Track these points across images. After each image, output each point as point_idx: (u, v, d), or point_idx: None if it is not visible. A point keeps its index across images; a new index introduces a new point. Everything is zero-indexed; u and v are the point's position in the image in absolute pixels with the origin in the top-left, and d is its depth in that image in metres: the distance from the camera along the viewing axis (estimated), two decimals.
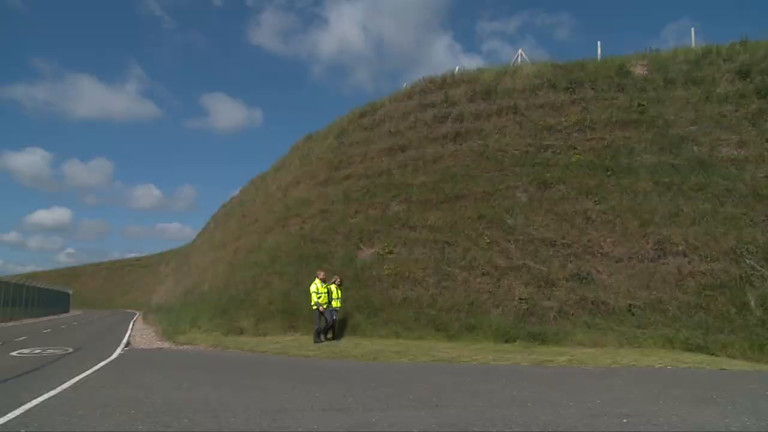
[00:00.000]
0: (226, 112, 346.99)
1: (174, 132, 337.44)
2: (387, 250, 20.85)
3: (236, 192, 53.04)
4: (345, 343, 17.08)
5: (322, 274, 18.12)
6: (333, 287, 18.11)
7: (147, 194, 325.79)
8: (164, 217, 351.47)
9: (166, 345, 20.47)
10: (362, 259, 21.27)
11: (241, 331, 21.20)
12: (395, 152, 25.74)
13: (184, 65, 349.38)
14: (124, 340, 21.57)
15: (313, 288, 17.70)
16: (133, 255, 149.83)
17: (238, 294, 24.19)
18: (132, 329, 30.00)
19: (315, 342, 17.25)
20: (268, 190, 35.80)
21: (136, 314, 57.48)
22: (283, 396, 8.69)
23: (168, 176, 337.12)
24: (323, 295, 17.61)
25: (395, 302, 18.84)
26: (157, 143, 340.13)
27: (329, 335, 18.18)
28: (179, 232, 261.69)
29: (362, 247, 21.89)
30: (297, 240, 24.58)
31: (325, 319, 17.73)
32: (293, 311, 20.54)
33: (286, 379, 10.65)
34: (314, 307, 17.61)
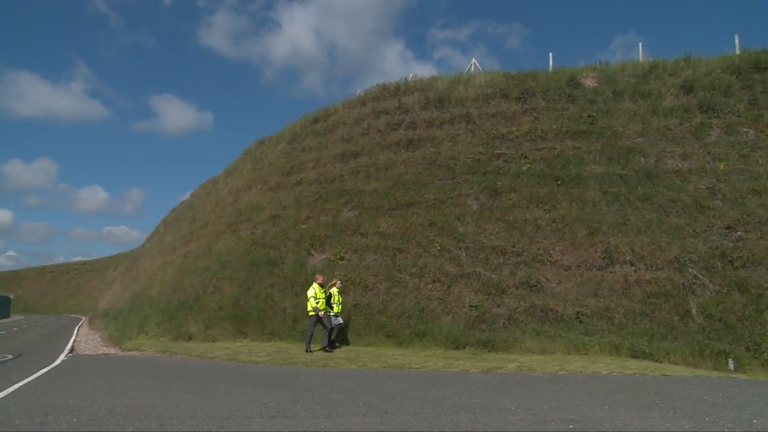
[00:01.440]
0: (176, 115, 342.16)
1: (122, 133, 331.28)
2: (338, 256, 20.72)
3: (187, 196, 52.26)
4: (295, 349, 16.88)
5: (320, 279, 17.33)
6: (334, 291, 17.42)
7: (93, 196, 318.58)
8: (112, 220, 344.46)
9: (112, 351, 20.02)
10: (313, 265, 21.07)
11: (189, 337, 20.87)
12: (348, 158, 25.65)
13: (132, 65, 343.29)
14: (68, 346, 20.95)
15: (311, 293, 16.84)
16: (79, 258, 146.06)
17: (188, 299, 23.71)
18: (77, 335, 29.23)
19: (306, 350, 16.42)
20: (220, 195, 35.29)
21: (81, 319, 55.96)
22: (231, 402, 8.50)
23: (116, 178, 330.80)
24: (321, 300, 16.81)
25: (345, 308, 18.69)
26: (104, 144, 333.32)
27: (336, 344, 17.31)
28: (127, 235, 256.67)
29: (313, 252, 21.71)
30: (248, 245, 24.26)
31: (323, 325, 16.78)
32: (243, 317, 20.29)
33: (234, 386, 10.44)
34: (311, 313, 16.69)
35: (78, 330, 34.39)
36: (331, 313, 17.07)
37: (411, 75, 29.41)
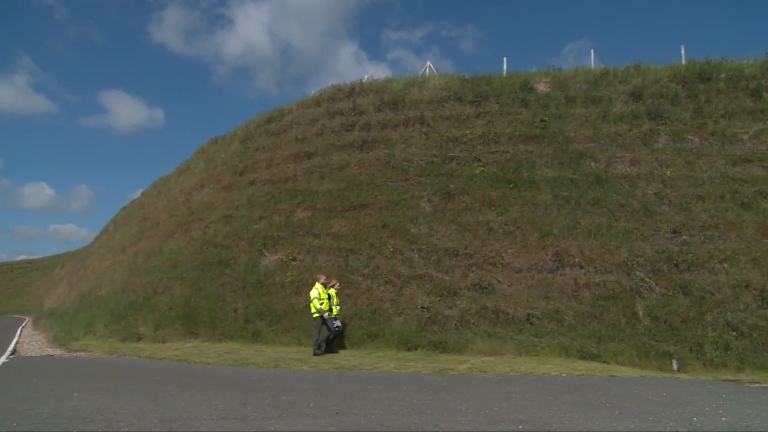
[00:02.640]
0: (126, 111, 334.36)
1: (69, 129, 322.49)
2: (290, 257, 20.52)
3: (137, 194, 51.27)
4: (246, 350, 16.66)
5: (323, 278, 16.73)
6: (332, 292, 16.80)
7: (38, 193, 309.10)
8: (58, 217, 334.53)
9: (57, 352, 19.52)
10: (265, 266, 20.86)
11: (138, 338, 20.50)
12: (301, 159, 25.47)
13: (79, 59, 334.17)
14: (10, 348, 20.20)
15: (314, 293, 16.20)
16: (23, 257, 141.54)
17: (137, 299, 23.23)
18: (19, 335, 28.22)
19: (315, 354, 15.69)
20: (171, 194, 34.66)
21: (25, 320, 54.13)
22: (180, 404, 8.31)
23: (62, 175, 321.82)
24: (325, 301, 16.15)
25: (298, 309, 18.54)
26: (50, 140, 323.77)
27: (335, 349, 16.65)
28: (75, 233, 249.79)
29: (266, 253, 21.47)
30: (199, 245, 23.88)
31: (327, 328, 16.14)
32: (194, 317, 19.97)
33: (184, 387, 10.21)
34: (316, 315, 16.08)
35: (21, 331, 33.19)
36: (332, 316, 16.45)
37: (366, 76, 29.42)
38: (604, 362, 14.03)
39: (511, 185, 20.15)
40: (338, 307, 16.94)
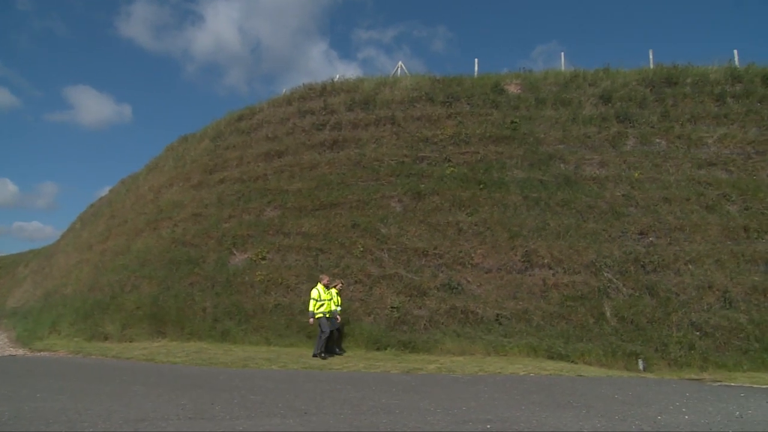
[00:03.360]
0: (93, 107, 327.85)
1: (34, 124, 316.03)
2: (260, 256, 20.38)
3: (105, 191, 50.48)
4: (215, 350, 16.50)
5: (326, 279, 16.05)
6: (334, 291, 16.27)
7: (1, 189, 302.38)
8: (22, 215, 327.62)
9: (20, 352, 19.26)
10: (234, 265, 20.70)
11: (105, 337, 20.29)
12: (272, 157, 25.30)
13: (44, 53, 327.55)
14: None
15: (314, 294, 15.48)
16: None
17: (104, 298, 22.90)
18: None
19: (322, 357, 15.05)
20: (140, 191, 34.18)
21: None
22: (147, 404, 8.19)
23: (26, 171, 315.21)
24: (326, 302, 15.47)
25: (267, 309, 18.44)
26: (13, 135, 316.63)
27: (336, 349, 16.03)
28: (40, 231, 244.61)
29: (235, 252, 21.29)
30: (168, 243, 23.61)
31: (320, 330, 15.33)
32: (162, 316, 19.83)
33: (151, 387, 10.07)
34: (318, 315, 15.33)
35: None
36: (328, 316, 15.68)
37: (337, 76, 29.35)
38: (571, 362, 14.16)
39: (481, 186, 20.22)
40: (339, 308, 16.49)
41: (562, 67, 26.93)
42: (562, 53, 27.71)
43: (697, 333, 15.08)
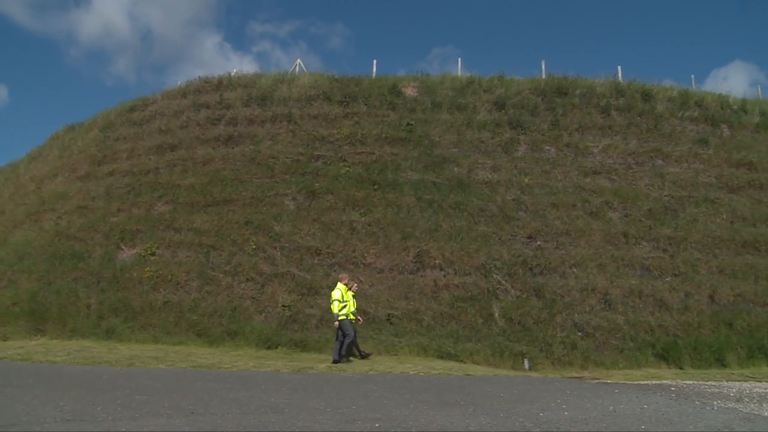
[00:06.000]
0: None
1: None
2: (149, 252, 19.61)
3: None
4: (99, 348, 15.65)
5: (346, 278, 14.60)
6: (350, 294, 14.58)
7: None
8: None
9: None
10: (122, 260, 19.83)
11: None
12: (164, 151, 24.37)
13: None
14: None
15: (337, 295, 13.93)
16: None
17: None
18: None
19: (341, 361, 13.66)
20: (20, 181, 32.07)
21: None
22: (20, 407, 7.50)
23: None
24: (348, 303, 14.08)
25: (155, 306, 17.78)
26: None
27: (355, 352, 14.53)
28: None
29: (123, 247, 20.36)
30: (50, 236, 22.24)
31: (342, 333, 13.83)
32: (42, 313, 18.70)
33: (26, 388, 9.28)
34: (341, 318, 13.79)
35: None
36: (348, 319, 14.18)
37: (234, 70, 28.67)
38: (461, 361, 14.35)
39: (376, 186, 20.23)
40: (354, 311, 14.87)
41: (459, 73, 27.45)
42: (459, 59, 28.37)
43: (579, 333, 15.68)
